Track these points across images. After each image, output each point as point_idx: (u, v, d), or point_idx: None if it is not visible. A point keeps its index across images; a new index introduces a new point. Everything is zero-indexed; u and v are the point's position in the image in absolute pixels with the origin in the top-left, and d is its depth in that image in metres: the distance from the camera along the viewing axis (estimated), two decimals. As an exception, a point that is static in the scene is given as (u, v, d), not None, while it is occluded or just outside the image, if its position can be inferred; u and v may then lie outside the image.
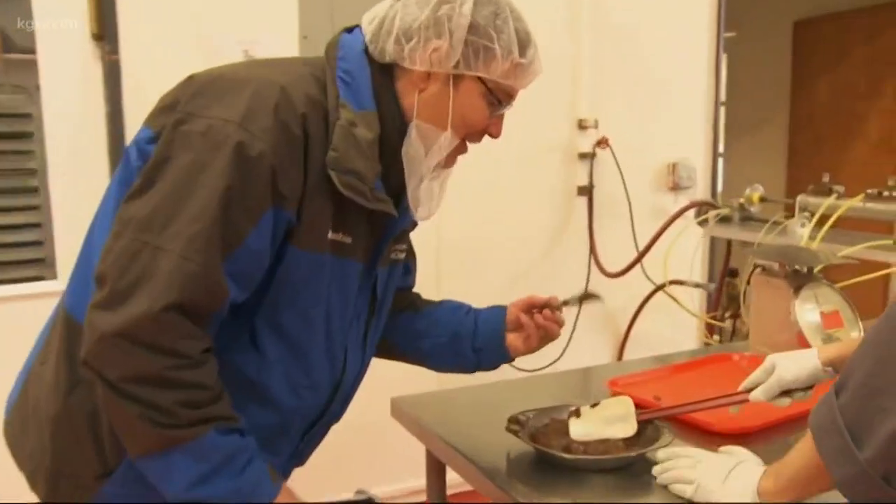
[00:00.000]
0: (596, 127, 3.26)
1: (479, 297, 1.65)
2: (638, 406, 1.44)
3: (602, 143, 3.25)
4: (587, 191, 3.30)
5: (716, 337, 3.16)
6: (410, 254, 1.58)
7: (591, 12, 3.20)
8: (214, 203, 1.09)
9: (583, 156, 3.29)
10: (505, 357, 1.56)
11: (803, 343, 1.81)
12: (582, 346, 3.25)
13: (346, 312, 1.33)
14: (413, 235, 1.51)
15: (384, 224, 1.33)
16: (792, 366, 1.33)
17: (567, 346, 3.16)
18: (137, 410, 1.07)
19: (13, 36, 2.81)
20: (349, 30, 1.32)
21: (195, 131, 1.13)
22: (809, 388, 1.34)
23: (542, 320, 1.52)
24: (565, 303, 1.56)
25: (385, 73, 1.27)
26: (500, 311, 1.56)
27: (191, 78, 1.23)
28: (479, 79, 1.26)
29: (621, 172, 3.28)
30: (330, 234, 1.23)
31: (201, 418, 1.10)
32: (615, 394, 1.64)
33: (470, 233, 3.07)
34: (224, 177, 1.10)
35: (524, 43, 1.27)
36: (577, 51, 3.22)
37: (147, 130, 1.21)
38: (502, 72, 1.26)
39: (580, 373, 2.02)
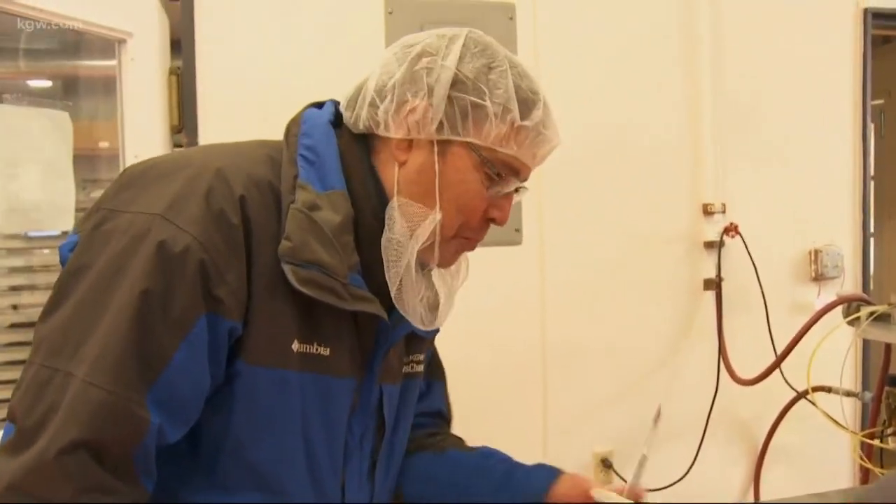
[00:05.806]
0: (723, 212, 2.94)
1: (587, 410, 1.33)
2: None
3: (731, 229, 2.92)
4: (715, 284, 2.96)
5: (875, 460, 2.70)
6: (436, 370, 1.34)
7: (712, 84, 2.91)
8: (128, 312, 0.90)
9: (709, 245, 2.96)
10: None
11: None
12: (711, 461, 2.86)
13: (336, 441, 1.09)
14: (515, 337, 1.22)
15: (376, 328, 1.09)
16: None
17: (694, 461, 2.80)
18: None
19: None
20: (319, 105, 1.13)
21: (116, 230, 0.95)
22: None
23: None
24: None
25: (359, 145, 1.07)
26: (548, 474, 1.25)
27: (123, 171, 1.05)
28: (471, 146, 1.03)
29: (754, 263, 2.94)
30: (295, 345, 1.02)
31: None
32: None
33: (578, 335, 2.74)
34: (141, 279, 0.91)
35: (528, 102, 1.03)
36: (698, 127, 2.92)
37: (73, 237, 1.02)
38: (498, 137, 1.03)
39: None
